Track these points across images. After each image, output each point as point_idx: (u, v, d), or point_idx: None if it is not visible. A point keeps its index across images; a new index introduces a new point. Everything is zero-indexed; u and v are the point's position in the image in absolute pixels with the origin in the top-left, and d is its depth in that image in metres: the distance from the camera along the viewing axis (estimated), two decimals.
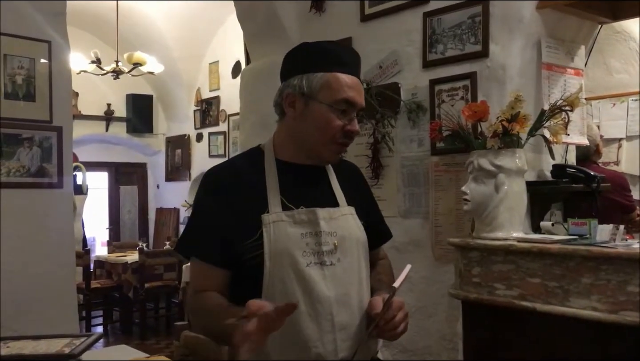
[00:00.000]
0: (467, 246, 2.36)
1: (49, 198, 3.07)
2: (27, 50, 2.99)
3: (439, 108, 2.83)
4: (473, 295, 2.32)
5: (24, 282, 2.94)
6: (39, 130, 3.02)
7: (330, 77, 1.40)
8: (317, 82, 1.40)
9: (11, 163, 2.93)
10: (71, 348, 1.86)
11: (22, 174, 2.96)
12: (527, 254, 2.15)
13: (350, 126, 1.42)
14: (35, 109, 3.01)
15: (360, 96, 1.43)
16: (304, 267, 1.35)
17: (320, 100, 1.39)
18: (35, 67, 3.02)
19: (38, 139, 3.02)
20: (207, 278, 1.41)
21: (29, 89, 2.99)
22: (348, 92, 1.40)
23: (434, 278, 2.87)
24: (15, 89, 2.95)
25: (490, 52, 2.66)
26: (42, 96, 3.05)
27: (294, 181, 1.45)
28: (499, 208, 2.33)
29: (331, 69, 1.40)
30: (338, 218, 1.45)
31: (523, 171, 2.36)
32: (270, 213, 1.38)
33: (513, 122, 2.30)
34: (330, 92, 1.39)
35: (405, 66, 3.02)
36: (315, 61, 1.42)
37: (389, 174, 3.09)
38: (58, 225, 3.10)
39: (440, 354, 2.86)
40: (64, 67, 3.20)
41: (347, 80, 1.40)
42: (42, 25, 3.05)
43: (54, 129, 3.08)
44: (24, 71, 2.98)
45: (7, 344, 1.94)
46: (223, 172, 1.48)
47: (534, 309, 2.11)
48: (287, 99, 1.44)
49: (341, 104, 1.40)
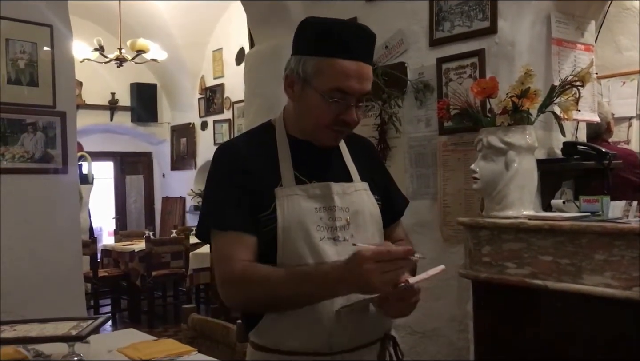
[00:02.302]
0: (476, 225, 2.32)
1: (54, 184, 3.06)
2: (29, 35, 2.97)
3: (447, 87, 2.79)
4: (483, 275, 2.29)
5: (30, 268, 2.93)
6: (42, 115, 3.00)
7: (324, 64, 1.31)
8: (311, 68, 1.32)
9: (15, 149, 2.91)
10: (78, 330, 1.85)
11: (26, 160, 2.94)
12: (538, 232, 2.11)
13: (345, 116, 1.33)
14: (38, 94, 2.99)
15: (363, 83, 1.33)
16: (317, 241, 1.31)
17: (314, 87, 1.32)
18: (37, 52, 2.99)
19: (42, 125, 3.00)
20: (243, 248, 1.32)
21: (32, 74, 2.97)
22: (343, 81, 1.30)
23: (443, 260, 2.82)
24: (17, 74, 2.92)
25: (498, 29, 2.61)
26: (45, 81, 3.02)
27: (307, 155, 1.41)
28: (509, 186, 2.29)
29: (329, 53, 1.30)
30: (351, 193, 1.41)
31: (533, 148, 2.32)
32: (283, 187, 1.35)
33: (523, 98, 2.25)
34: (323, 80, 1.31)
35: (412, 45, 2.97)
36: (314, 42, 1.33)
37: (397, 156, 3.05)
38: (63, 211, 3.09)
39: (450, 336, 2.84)
40: (66, 52, 3.17)
41: (345, 67, 1.30)
42: (44, 10, 3.02)
43: (58, 114, 3.06)
44: (26, 55, 2.95)
45: (14, 327, 1.93)
46: (235, 147, 1.43)
47: (545, 287, 2.08)
48: (286, 80, 1.39)
49: (334, 93, 1.31)
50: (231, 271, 1.31)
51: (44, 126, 3.00)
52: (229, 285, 1.33)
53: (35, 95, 2.98)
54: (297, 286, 1.25)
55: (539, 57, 2.61)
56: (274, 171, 1.37)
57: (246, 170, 1.36)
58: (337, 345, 1.31)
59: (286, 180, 1.36)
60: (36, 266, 2.95)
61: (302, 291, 1.25)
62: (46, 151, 3.01)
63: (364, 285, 1.17)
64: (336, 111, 1.33)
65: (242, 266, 1.30)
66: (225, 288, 1.34)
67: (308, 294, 1.25)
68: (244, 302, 1.35)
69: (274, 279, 1.27)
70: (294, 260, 1.30)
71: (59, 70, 3.09)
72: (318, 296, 1.26)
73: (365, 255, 1.15)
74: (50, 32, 3.04)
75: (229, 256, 1.32)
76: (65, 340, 1.78)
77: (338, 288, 1.22)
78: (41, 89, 3.00)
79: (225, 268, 1.33)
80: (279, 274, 1.27)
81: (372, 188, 1.48)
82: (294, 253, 1.31)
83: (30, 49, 2.97)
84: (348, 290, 1.23)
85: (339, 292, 1.24)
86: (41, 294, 2.94)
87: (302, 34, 1.38)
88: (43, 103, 3.01)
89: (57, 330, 1.86)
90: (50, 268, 3.01)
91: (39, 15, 3.01)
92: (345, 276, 1.18)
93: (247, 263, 1.31)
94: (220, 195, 1.38)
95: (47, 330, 1.87)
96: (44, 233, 3.00)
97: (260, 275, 1.29)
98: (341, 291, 1.23)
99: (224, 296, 1.35)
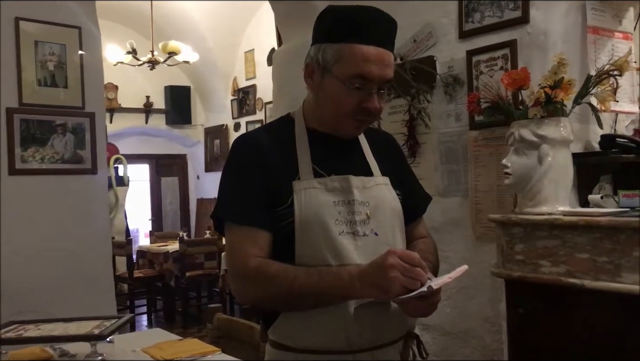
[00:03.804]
0: (508, 222, 2.23)
1: (84, 184, 3.08)
2: (58, 37, 3.00)
3: (477, 80, 2.70)
4: (516, 273, 2.20)
5: (61, 268, 2.96)
6: (71, 116, 3.02)
7: (345, 49, 1.27)
8: (331, 54, 1.29)
9: (45, 150, 2.94)
10: (101, 329, 1.84)
11: (56, 161, 2.96)
12: (574, 229, 2.02)
13: (367, 103, 1.30)
14: (67, 96, 3.02)
15: (384, 69, 1.29)
16: (336, 235, 1.27)
17: (334, 74, 1.29)
18: (66, 54, 3.02)
19: (71, 126, 3.02)
20: (257, 244, 1.28)
21: (61, 76, 2.99)
22: (364, 66, 1.26)
23: (475, 258, 2.75)
24: (47, 75, 2.95)
25: (530, 18, 2.51)
26: (74, 82, 3.05)
27: (326, 149, 1.37)
28: (543, 181, 2.20)
29: (348, 39, 1.27)
30: (372, 188, 1.36)
31: (568, 141, 2.22)
32: (301, 180, 1.31)
33: (556, 88, 2.16)
34: (343, 66, 1.27)
35: (441, 38, 2.90)
36: (333, 29, 1.30)
37: (426, 152, 2.98)
38: (93, 211, 3.11)
39: (483, 336, 2.75)
40: (95, 53, 3.19)
41: (365, 52, 1.26)
42: (72, 12, 3.05)
43: (87, 115, 3.08)
44: (55, 57, 2.99)
45: (39, 326, 1.94)
46: (254, 139, 1.40)
47: (582, 286, 1.98)
48: (306, 70, 1.36)
49: (355, 80, 1.27)
50: (245, 267, 1.27)
51: (74, 127, 3.03)
52: (242, 280, 1.30)
53: (65, 96, 3.01)
54: (312, 284, 1.21)
55: (574, 46, 2.51)
56: (292, 164, 1.33)
57: (264, 162, 1.33)
58: (355, 343, 1.26)
59: (304, 173, 1.32)
60: (67, 265, 2.98)
61: (316, 290, 1.21)
62: (76, 152, 3.03)
63: (382, 280, 1.13)
64: (357, 98, 1.29)
65: (256, 262, 1.26)
66: (238, 283, 1.31)
67: (322, 293, 1.21)
68: (257, 299, 1.31)
69: (289, 277, 1.23)
70: (312, 254, 1.26)
71: (88, 71, 3.11)
72: (331, 295, 1.22)
73: (395, 250, 1.16)
74: (78, 33, 3.07)
75: (244, 252, 1.28)
76: (86, 339, 1.77)
77: (354, 285, 1.18)
78: (70, 90, 3.03)
79: (239, 262, 1.29)
80: (294, 272, 1.23)
81: (393, 183, 1.43)
82: (311, 247, 1.27)
83: (60, 51, 3.00)
84: (363, 289, 1.18)
85: (354, 292, 1.20)
86: (72, 293, 2.97)
87: (321, 22, 1.36)
88: (72, 104, 3.04)
89: (79, 329, 1.86)
90: (81, 267, 3.03)
91: (67, 17, 3.04)
92: (367, 270, 1.17)
93: (262, 259, 1.27)
94: (237, 187, 1.35)
95: (71, 329, 1.87)
96: (74, 233, 3.03)
97: (274, 272, 1.25)
98: (356, 290, 1.19)
99: (235, 291, 1.33)
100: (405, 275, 1.13)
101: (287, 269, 1.24)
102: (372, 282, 1.16)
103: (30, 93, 2.89)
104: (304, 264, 1.26)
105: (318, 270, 1.23)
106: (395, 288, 1.13)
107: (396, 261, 1.13)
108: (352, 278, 1.18)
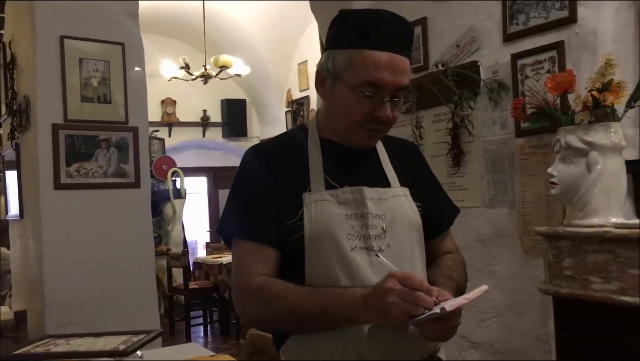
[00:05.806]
0: (555, 235, 2.08)
1: (127, 198, 3.13)
2: (101, 54, 3.06)
3: (523, 85, 2.56)
4: (565, 290, 2.05)
5: (105, 281, 3.01)
6: (115, 131, 3.08)
7: (355, 55, 1.21)
8: (341, 61, 1.22)
9: (89, 164, 3.00)
10: (127, 345, 1.83)
11: (100, 175, 3.02)
12: (625, 242, 1.85)
13: (379, 112, 1.22)
14: (111, 111, 3.08)
15: (397, 76, 1.21)
16: (347, 251, 1.20)
17: (344, 81, 1.23)
18: (109, 70, 3.08)
19: (115, 140, 3.07)
20: (263, 261, 1.23)
21: (105, 91, 3.06)
22: (375, 73, 1.19)
23: (524, 273, 2.60)
24: (91, 91, 3.02)
25: (578, 17, 2.36)
26: (118, 97, 3.10)
27: (339, 159, 1.31)
28: (593, 191, 2.04)
29: (359, 44, 1.21)
30: (388, 199, 1.29)
31: (620, 147, 2.05)
32: (312, 192, 1.24)
33: (605, 91, 2.01)
34: (353, 73, 1.21)
35: (485, 42, 2.77)
36: (344, 35, 1.24)
37: (471, 161, 2.85)
38: (136, 224, 3.15)
39: (534, 355, 2.59)
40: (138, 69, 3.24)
41: (376, 57, 1.19)
42: (116, 28, 3.11)
43: (130, 129, 3.13)
44: (99, 73, 3.05)
45: (69, 341, 1.95)
46: (265, 150, 1.36)
47: (636, 305, 1.82)
48: (317, 77, 1.30)
49: (366, 87, 1.20)
50: (247, 285, 1.22)
51: (117, 141, 3.08)
52: (243, 298, 1.25)
53: (108, 112, 3.07)
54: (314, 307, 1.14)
55: (626, 46, 2.34)
56: (304, 175, 1.27)
57: (274, 174, 1.27)
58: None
59: (315, 184, 1.26)
60: (110, 278, 3.02)
61: (319, 313, 1.14)
62: (119, 166, 3.08)
63: (382, 305, 1.06)
64: (368, 106, 1.22)
65: (259, 281, 1.21)
66: (240, 299, 1.26)
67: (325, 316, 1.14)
68: (257, 318, 1.26)
69: (291, 298, 1.16)
70: (322, 272, 1.20)
71: (131, 86, 3.17)
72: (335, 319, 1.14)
73: (396, 273, 1.08)
74: (122, 49, 3.13)
75: (247, 269, 1.23)
76: (110, 355, 1.76)
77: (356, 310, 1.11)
78: (114, 105, 3.09)
79: (242, 280, 1.24)
80: (297, 293, 1.17)
81: (413, 194, 1.34)
82: (322, 264, 1.20)
83: (103, 67, 3.07)
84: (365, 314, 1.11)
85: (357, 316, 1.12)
86: (116, 306, 3.01)
87: (332, 28, 1.29)
88: (116, 119, 3.09)
89: (107, 345, 1.85)
90: (124, 280, 3.07)
91: (111, 33, 3.11)
92: (369, 294, 1.10)
93: (265, 278, 1.22)
94: (246, 201, 1.29)
95: (98, 345, 1.86)
96: (118, 246, 3.08)
97: (276, 292, 1.19)
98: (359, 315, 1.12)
99: (237, 307, 1.28)
100: (406, 300, 1.05)
101: (290, 290, 1.18)
102: (373, 306, 1.09)
103: (75, 109, 2.97)
104: (314, 282, 1.19)
105: (322, 291, 1.16)
106: (394, 313, 1.05)
107: (395, 285, 1.05)
108: (355, 301, 1.11)
